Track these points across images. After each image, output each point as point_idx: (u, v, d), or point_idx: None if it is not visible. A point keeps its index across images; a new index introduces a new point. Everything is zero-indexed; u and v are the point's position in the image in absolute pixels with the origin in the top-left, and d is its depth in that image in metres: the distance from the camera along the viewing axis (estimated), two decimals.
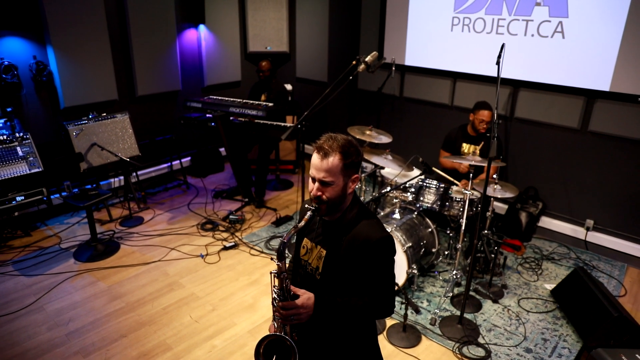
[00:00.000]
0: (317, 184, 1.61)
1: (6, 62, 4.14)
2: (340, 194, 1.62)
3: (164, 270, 3.88)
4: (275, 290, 1.60)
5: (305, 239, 1.79)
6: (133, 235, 4.40)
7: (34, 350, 2.99)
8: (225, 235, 4.44)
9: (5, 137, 4.04)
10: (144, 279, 3.76)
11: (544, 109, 4.31)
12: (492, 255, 3.72)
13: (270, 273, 1.61)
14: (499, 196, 3.49)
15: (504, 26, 4.33)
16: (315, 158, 1.60)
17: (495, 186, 3.53)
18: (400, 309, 3.35)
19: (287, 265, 1.67)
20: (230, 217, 4.68)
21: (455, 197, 3.73)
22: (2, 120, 4.12)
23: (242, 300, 3.54)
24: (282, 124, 4.66)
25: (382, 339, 3.15)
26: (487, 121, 3.96)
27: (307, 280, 1.75)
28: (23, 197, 4.06)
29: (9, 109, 4.18)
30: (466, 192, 3.47)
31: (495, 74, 2.92)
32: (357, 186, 1.71)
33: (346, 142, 1.60)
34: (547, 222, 4.54)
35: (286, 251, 1.63)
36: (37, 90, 4.42)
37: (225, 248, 4.21)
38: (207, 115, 4.80)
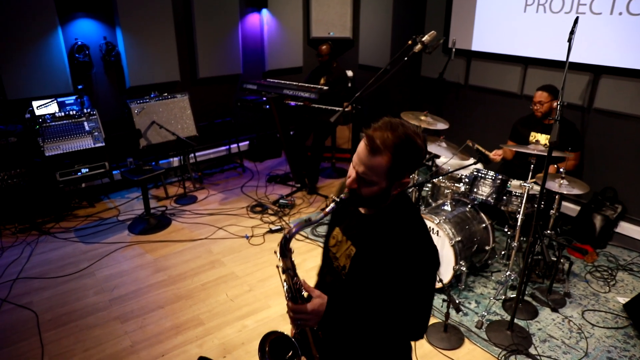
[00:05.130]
0: (355, 174, 1.34)
1: (79, 43, 4.40)
2: (379, 194, 1.35)
3: (208, 247, 3.93)
4: (285, 286, 1.44)
5: (336, 228, 1.55)
6: (185, 213, 4.52)
7: (79, 311, 3.15)
8: (273, 218, 4.42)
9: (75, 112, 4.31)
10: (188, 254, 3.83)
11: (631, 99, 3.78)
12: (553, 259, 3.33)
13: (277, 267, 1.45)
14: (565, 192, 3.10)
15: (585, 4, 3.84)
16: (362, 148, 1.32)
17: (561, 181, 3.14)
18: (442, 307, 3.11)
19: (292, 262, 1.44)
20: (280, 201, 4.65)
21: (515, 192, 3.39)
22: (73, 97, 4.40)
23: (279, 284, 3.47)
24: (336, 108, 4.53)
25: None
26: (539, 101, 3.60)
27: (333, 276, 1.55)
28: (87, 170, 4.31)
29: (80, 87, 4.45)
30: (525, 185, 3.13)
31: (574, 59, 2.56)
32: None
33: (403, 139, 1.28)
34: (626, 228, 4.00)
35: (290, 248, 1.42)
36: (105, 70, 4.66)
37: (271, 231, 4.19)
38: (263, 98, 4.79)
